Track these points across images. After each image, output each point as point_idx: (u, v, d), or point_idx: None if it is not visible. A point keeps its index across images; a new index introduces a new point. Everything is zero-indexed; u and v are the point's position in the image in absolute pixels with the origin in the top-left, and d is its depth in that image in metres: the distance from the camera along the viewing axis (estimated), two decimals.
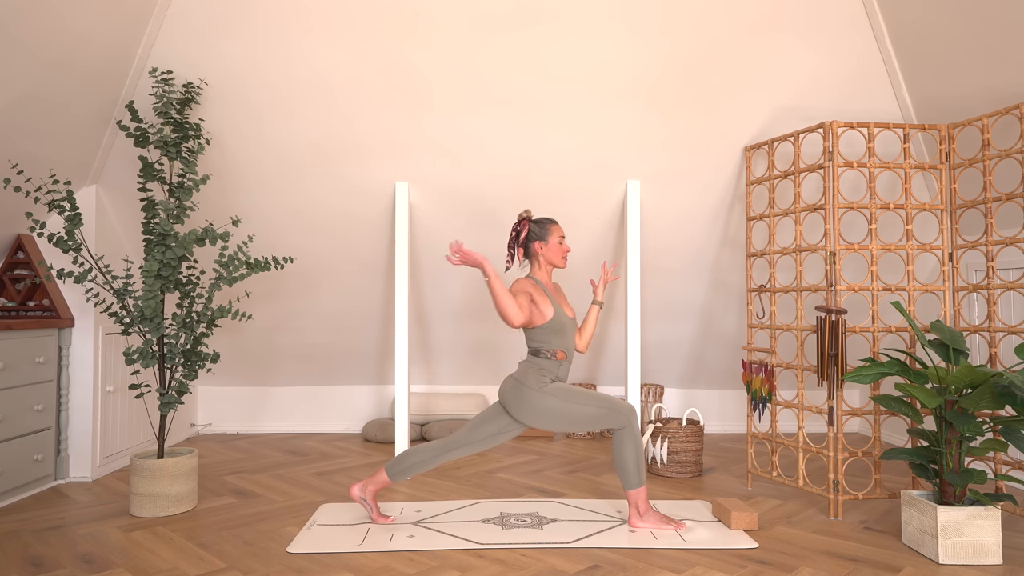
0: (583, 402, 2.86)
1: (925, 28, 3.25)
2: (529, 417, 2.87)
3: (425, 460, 2.96)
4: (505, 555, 2.62)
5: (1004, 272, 3.53)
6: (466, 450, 2.96)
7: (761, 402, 3.50)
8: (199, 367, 3.27)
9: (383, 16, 3.27)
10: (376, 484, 3.00)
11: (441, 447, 2.95)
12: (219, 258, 3.20)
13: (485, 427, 2.95)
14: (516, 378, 2.91)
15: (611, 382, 5.10)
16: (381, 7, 3.25)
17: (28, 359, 3.38)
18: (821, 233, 4.06)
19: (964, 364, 2.53)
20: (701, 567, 2.51)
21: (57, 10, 2.75)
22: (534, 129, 3.68)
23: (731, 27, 3.38)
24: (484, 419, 2.97)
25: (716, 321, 4.59)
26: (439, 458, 2.96)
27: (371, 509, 3.00)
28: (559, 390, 2.87)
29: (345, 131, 3.66)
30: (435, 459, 2.96)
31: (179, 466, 3.15)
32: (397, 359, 3.81)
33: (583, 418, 2.86)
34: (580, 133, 3.71)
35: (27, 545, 2.73)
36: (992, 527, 2.54)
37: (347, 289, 4.38)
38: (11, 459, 3.27)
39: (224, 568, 2.50)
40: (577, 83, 3.53)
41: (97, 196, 3.76)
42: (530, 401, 2.85)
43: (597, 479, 3.76)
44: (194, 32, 3.29)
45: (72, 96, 3.17)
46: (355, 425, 5.08)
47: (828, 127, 3.17)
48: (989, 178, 3.06)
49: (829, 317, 3.12)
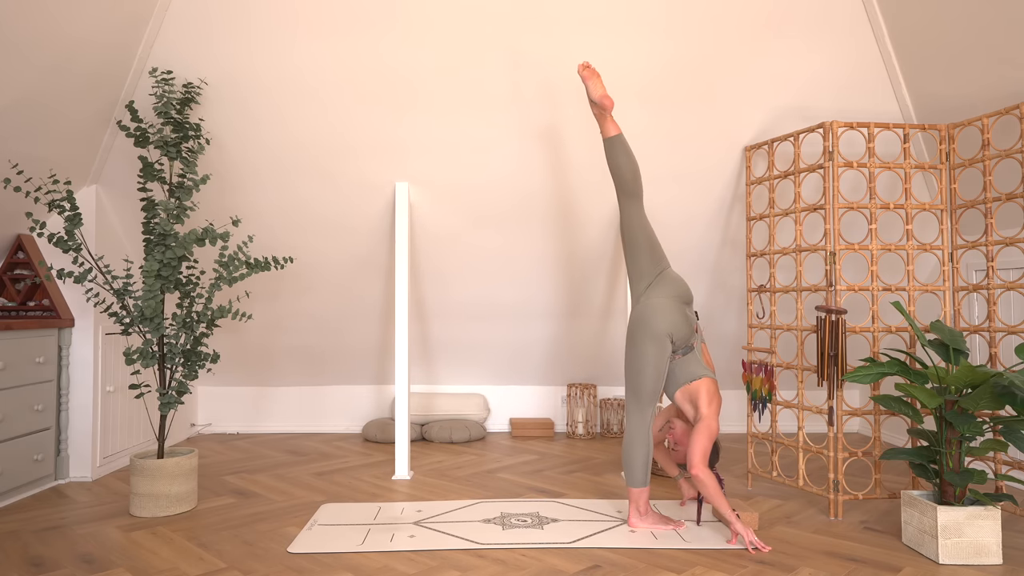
0: (643, 368, 2.87)
1: (925, 28, 3.25)
2: (636, 328, 2.91)
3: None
4: (505, 555, 2.62)
5: (1004, 272, 3.53)
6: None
7: (761, 402, 3.50)
8: (199, 367, 3.27)
9: (383, 17, 3.27)
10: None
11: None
12: (219, 258, 3.20)
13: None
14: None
15: (611, 382, 5.10)
16: (381, 8, 3.25)
17: (28, 359, 3.38)
18: (821, 233, 4.06)
19: (964, 364, 2.53)
20: (701, 567, 2.51)
21: (57, 11, 2.75)
22: (534, 129, 3.68)
23: (731, 27, 3.38)
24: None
25: (716, 321, 4.59)
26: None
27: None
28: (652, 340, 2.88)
29: (344, 131, 3.66)
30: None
31: (179, 466, 3.15)
32: (397, 359, 3.81)
33: (634, 371, 2.88)
34: (580, 133, 3.71)
35: (27, 545, 2.73)
36: (992, 527, 2.54)
37: (347, 289, 4.38)
38: (11, 459, 3.27)
39: (224, 568, 2.50)
40: (577, 83, 3.53)
41: (97, 196, 3.76)
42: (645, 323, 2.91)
43: (597, 479, 3.76)
44: (194, 33, 3.29)
45: (72, 96, 3.17)
46: (355, 425, 5.08)
47: (828, 127, 3.17)
48: (989, 178, 3.06)
49: (829, 317, 3.12)
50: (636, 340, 2.90)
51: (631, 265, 3.04)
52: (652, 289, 2.97)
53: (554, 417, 5.14)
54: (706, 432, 2.79)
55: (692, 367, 2.96)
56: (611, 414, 4.96)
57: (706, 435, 2.79)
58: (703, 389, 2.90)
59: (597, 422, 5.06)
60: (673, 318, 2.89)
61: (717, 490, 2.74)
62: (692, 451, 2.77)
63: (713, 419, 2.83)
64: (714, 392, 2.91)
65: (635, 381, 2.89)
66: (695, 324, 3.02)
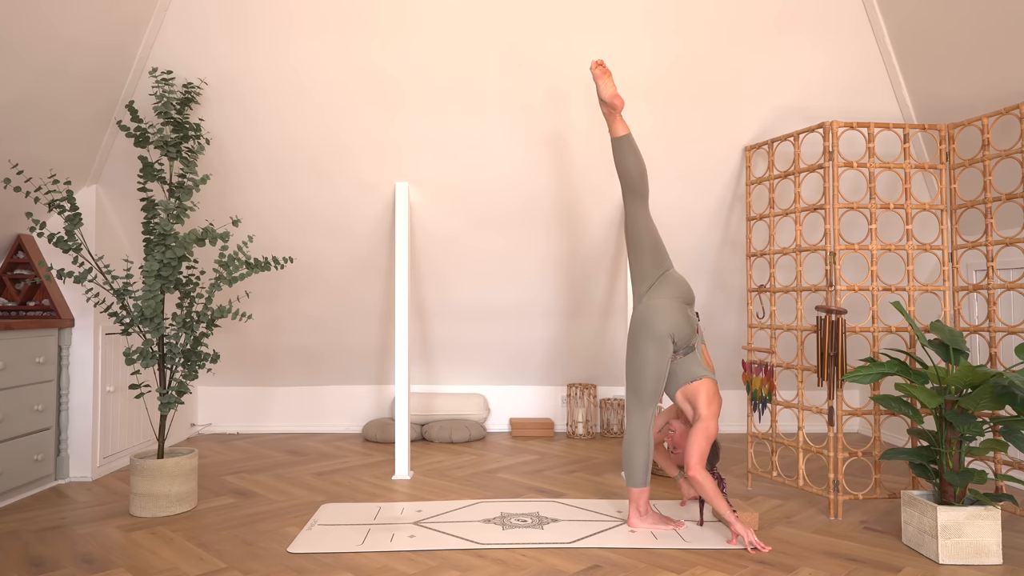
0: (643, 368, 2.88)
1: (925, 28, 3.25)
2: (638, 329, 2.91)
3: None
4: (505, 555, 2.62)
5: (1004, 272, 3.53)
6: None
7: (761, 402, 3.50)
8: (199, 367, 3.27)
9: (379, 17, 3.27)
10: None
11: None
12: (219, 258, 3.20)
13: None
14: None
15: (611, 382, 5.10)
16: (375, 8, 3.25)
17: (28, 359, 3.38)
18: (821, 233, 4.06)
19: (964, 364, 2.53)
20: (701, 567, 2.51)
21: (56, 12, 2.75)
22: (535, 129, 3.68)
23: (731, 27, 3.38)
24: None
25: (716, 321, 4.59)
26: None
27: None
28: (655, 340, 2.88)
29: (345, 131, 3.66)
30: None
31: (179, 466, 3.15)
32: (397, 359, 3.81)
33: (635, 371, 2.88)
34: (582, 133, 3.71)
35: (27, 545, 2.73)
36: (992, 527, 2.54)
37: (347, 289, 4.38)
38: (11, 459, 3.27)
39: (224, 568, 2.50)
40: (577, 83, 3.53)
41: (97, 196, 3.76)
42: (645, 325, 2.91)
43: (597, 479, 3.76)
44: (194, 33, 3.29)
45: (72, 97, 3.17)
46: (355, 425, 5.08)
47: (828, 127, 3.17)
48: (989, 178, 3.06)
49: (829, 317, 3.12)
50: (638, 340, 2.90)
51: (634, 265, 3.04)
52: (654, 290, 2.97)
53: (554, 417, 5.14)
54: (703, 433, 2.79)
55: (693, 368, 2.96)
56: (611, 414, 4.96)
57: (703, 436, 2.79)
58: (703, 390, 2.90)
59: (597, 422, 5.06)
60: (675, 319, 2.89)
61: (715, 491, 2.74)
62: (689, 452, 2.77)
63: (711, 420, 2.83)
64: (714, 393, 2.91)
65: (636, 381, 2.89)
66: (696, 325, 3.02)
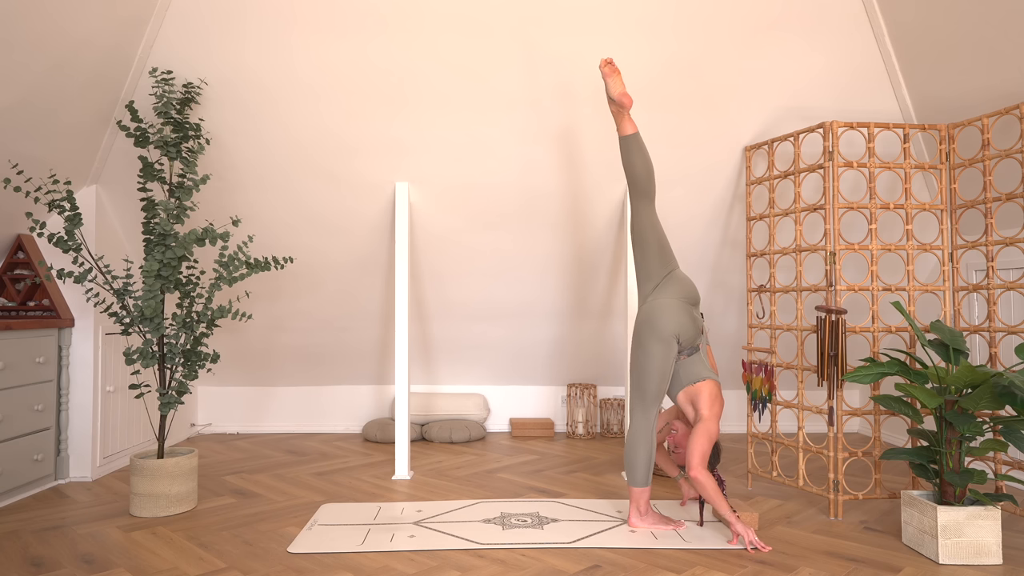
0: (648, 368, 2.87)
1: (925, 28, 3.25)
2: (643, 328, 2.91)
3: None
4: (505, 555, 2.62)
5: (1004, 272, 3.53)
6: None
7: (761, 402, 3.50)
8: (199, 367, 3.27)
9: (377, 17, 3.27)
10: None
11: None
12: (219, 258, 3.20)
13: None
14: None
15: (611, 382, 5.10)
16: (375, 7, 3.25)
17: (28, 359, 3.38)
18: (821, 233, 4.06)
19: (964, 364, 2.53)
20: (701, 567, 2.51)
21: (56, 12, 2.75)
22: (535, 129, 3.68)
23: (731, 28, 3.38)
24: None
25: (716, 321, 4.59)
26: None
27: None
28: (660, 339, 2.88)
29: (345, 131, 3.66)
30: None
31: (179, 466, 3.15)
32: (397, 359, 3.81)
33: (639, 371, 2.88)
34: (581, 133, 3.71)
35: (27, 545, 2.73)
36: (992, 527, 2.54)
37: (347, 289, 4.38)
38: (11, 459, 3.27)
39: (224, 568, 2.50)
40: (577, 83, 3.53)
41: (97, 196, 3.76)
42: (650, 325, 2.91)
43: (597, 479, 3.76)
44: (194, 33, 3.29)
45: (72, 97, 3.17)
46: (355, 425, 5.08)
47: (828, 127, 3.17)
48: (989, 178, 3.06)
49: (829, 317, 3.12)
50: (642, 340, 2.90)
51: (639, 265, 3.03)
52: (659, 290, 2.97)
53: (554, 417, 5.14)
54: (705, 434, 2.79)
55: (696, 368, 2.96)
56: (611, 414, 4.96)
57: (705, 437, 2.79)
58: (705, 391, 2.90)
59: (597, 422, 5.06)
60: (680, 319, 2.89)
61: (716, 491, 2.74)
62: (690, 453, 2.77)
63: (713, 421, 2.83)
64: (716, 395, 2.91)
65: (640, 381, 2.89)
66: (701, 325, 3.02)
